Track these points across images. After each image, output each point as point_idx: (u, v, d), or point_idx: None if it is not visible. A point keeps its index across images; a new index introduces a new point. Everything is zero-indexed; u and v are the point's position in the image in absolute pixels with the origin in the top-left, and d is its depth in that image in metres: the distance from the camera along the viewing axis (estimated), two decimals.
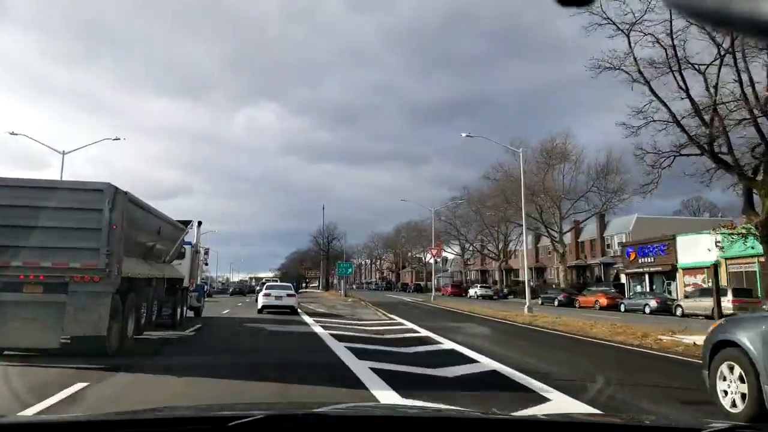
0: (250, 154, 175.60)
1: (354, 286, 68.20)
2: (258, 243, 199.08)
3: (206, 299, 49.75)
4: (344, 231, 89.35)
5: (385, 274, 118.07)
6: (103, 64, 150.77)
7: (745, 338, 6.00)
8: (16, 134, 31.35)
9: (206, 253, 24.41)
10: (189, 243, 19.37)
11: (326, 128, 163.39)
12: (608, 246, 58.73)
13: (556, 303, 41.91)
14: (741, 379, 6.00)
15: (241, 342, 14.00)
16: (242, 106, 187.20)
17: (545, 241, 65.68)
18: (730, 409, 6.18)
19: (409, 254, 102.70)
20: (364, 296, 51.92)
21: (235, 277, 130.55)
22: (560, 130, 52.69)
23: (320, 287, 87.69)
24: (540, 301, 42.83)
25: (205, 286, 61.83)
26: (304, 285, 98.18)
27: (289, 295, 26.40)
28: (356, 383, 7.74)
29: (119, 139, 32.11)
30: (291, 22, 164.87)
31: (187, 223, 17.23)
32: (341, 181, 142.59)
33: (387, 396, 6.85)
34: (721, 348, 6.39)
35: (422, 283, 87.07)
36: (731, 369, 6.17)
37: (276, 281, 47.06)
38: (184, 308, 18.13)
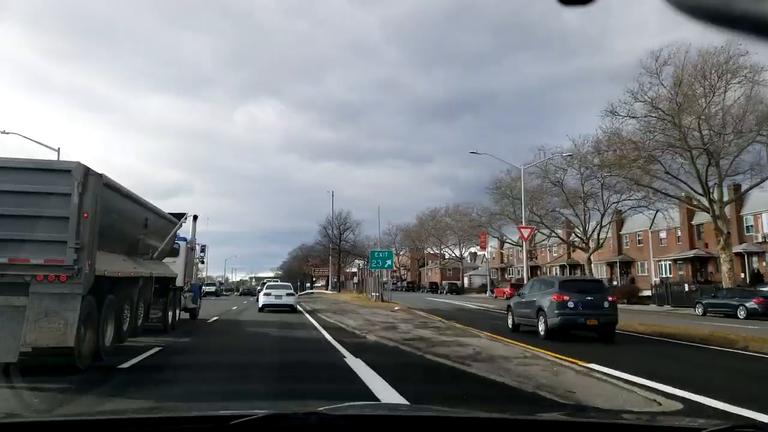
0: (250, 153, 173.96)
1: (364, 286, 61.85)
2: (258, 243, 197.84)
3: (217, 298, 51.06)
4: (359, 220, 78.77)
5: (400, 273, 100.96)
6: (102, 60, 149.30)
7: (512, 303, 17.50)
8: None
9: (203, 250, 22.72)
10: (183, 239, 17.83)
11: (328, 126, 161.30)
12: (748, 228, 40.91)
13: (742, 314, 25.23)
14: (512, 318, 16.99)
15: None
16: (242, 103, 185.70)
17: (632, 226, 50.64)
18: (510, 326, 16.93)
19: (430, 250, 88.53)
20: (402, 301, 35.52)
21: (234, 278, 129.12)
22: (719, 43, 27.59)
23: (329, 287, 71.72)
24: (699, 311, 28.39)
25: (215, 287, 63.65)
26: (309, 285, 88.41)
27: (288, 294, 27.55)
28: None
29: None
30: (291, 15, 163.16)
31: (180, 216, 15.54)
32: (343, 180, 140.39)
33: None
34: (508, 307, 17.87)
35: (458, 283, 73.78)
36: (509, 314, 17.30)
37: (277, 281, 47.26)
38: (177, 310, 16.49)
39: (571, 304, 14.12)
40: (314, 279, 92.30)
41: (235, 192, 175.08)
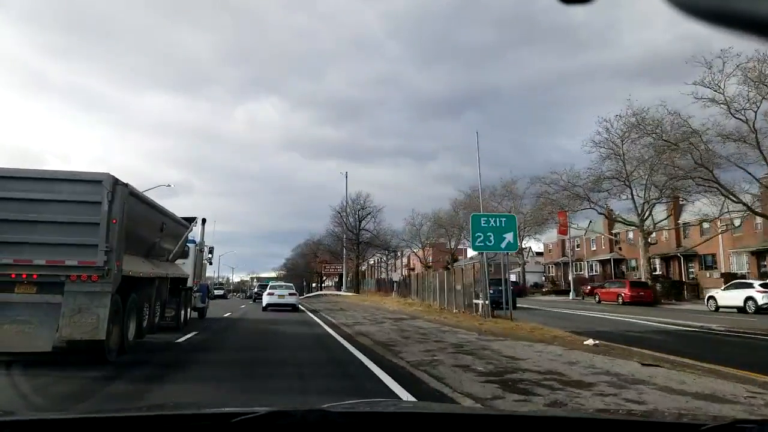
0: (250, 151, 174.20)
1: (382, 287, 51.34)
2: (258, 243, 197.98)
3: (226, 300, 52.17)
4: (380, 205, 62.68)
5: (417, 270, 75.14)
6: (100, 58, 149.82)
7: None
8: None
9: (210, 252, 23.64)
10: (193, 241, 18.67)
11: (329, 123, 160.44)
12: None
13: None
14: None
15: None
16: (242, 100, 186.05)
17: None
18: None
19: (468, 242, 66.19)
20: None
21: (235, 278, 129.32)
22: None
23: (342, 287, 59.30)
24: None
25: (224, 290, 64.21)
26: (316, 285, 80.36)
27: (290, 294, 28.68)
28: None
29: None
30: (291, 9, 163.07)
31: (191, 220, 16.48)
32: (344, 178, 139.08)
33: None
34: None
35: (518, 282, 53.71)
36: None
37: (279, 281, 48.42)
38: (188, 309, 17.37)
39: (491, 291, 21.48)
40: (323, 277, 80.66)
41: (236, 191, 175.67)
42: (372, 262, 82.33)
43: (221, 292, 60.90)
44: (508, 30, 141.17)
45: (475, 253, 72.22)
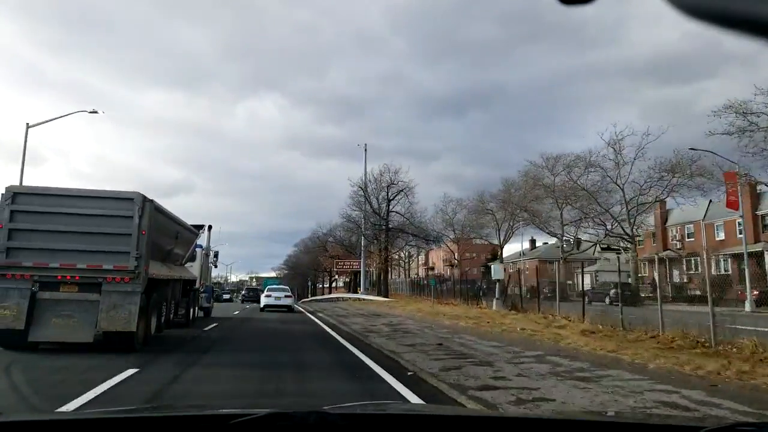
0: (251, 150, 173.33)
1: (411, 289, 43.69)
2: (259, 243, 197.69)
3: (231, 302, 52.68)
4: (411, 181, 46.47)
5: (440, 270, 67.05)
6: (99, 54, 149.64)
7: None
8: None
9: (215, 255, 25.49)
10: (200, 246, 20.35)
11: (330, 121, 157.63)
12: None
13: None
14: None
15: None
16: (243, 97, 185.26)
17: None
18: None
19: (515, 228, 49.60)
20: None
21: (233, 278, 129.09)
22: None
23: (361, 288, 46.74)
24: None
25: (230, 294, 62.91)
26: (321, 286, 71.26)
27: (286, 296, 30.90)
28: None
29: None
30: (292, 4, 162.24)
31: (200, 227, 18.25)
32: (346, 178, 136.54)
33: None
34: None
35: (629, 282, 24.10)
36: None
37: (277, 283, 50.31)
38: (196, 308, 19.08)
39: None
40: (335, 276, 67.75)
41: (236, 190, 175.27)
42: (408, 253, 68.77)
43: (228, 296, 57.47)
44: (513, 27, 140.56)
45: (526, 246, 58.67)
